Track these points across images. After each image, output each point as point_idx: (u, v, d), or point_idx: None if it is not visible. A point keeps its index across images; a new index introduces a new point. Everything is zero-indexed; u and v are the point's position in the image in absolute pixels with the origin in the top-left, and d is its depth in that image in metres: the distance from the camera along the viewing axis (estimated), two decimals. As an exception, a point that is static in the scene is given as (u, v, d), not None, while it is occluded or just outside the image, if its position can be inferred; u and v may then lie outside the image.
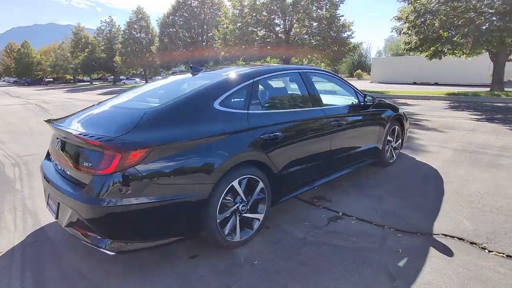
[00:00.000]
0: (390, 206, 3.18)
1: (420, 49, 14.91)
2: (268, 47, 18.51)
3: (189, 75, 3.01)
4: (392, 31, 15.69)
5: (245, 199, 2.42)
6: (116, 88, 33.03)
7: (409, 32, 14.56)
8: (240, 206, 2.39)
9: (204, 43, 29.90)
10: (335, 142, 3.26)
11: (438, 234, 2.62)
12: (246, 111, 2.49)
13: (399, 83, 29.49)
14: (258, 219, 2.57)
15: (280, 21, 18.84)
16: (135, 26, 35.57)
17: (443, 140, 5.88)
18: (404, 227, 2.76)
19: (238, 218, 2.40)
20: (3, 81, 72.12)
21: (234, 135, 2.34)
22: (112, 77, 49.97)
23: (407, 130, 4.69)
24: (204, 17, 29.94)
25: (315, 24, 17.97)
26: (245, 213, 2.44)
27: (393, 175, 4.07)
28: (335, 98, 3.87)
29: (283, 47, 18.10)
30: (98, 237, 1.92)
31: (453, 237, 2.57)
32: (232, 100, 2.49)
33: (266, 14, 17.87)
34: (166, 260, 2.31)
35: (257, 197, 2.53)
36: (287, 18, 18.41)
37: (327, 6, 17.51)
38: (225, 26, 19.45)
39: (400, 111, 4.48)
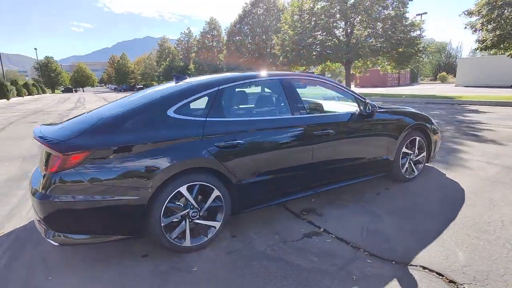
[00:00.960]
0: (383, 227, 2.81)
1: (501, 46, 12.57)
2: (328, 51, 17.87)
3: (173, 83, 3.14)
4: (466, 27, 13.57)
5: (196, 206, 2.42)
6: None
7: (484, 28, 12.43)
8: (191, 212, 2.41)
9: (268, 50, 30.48)
10: (320, 153, 3.02)
11: (416, 266, 2.23)
12: (204, 119, 2.49)
13: (491, 86, 25.48)
14: (214, 227, 2.54)
15: (341, 23, 18.06)
16: (208, 36, 38.22)
17: (495, 155, 4.93)
18: (383, 252, 2.42)
19: (188, 224, 2.42)
20: (107, 87, 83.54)
21: (183, 142, 2.36)
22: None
23: (435, 142, 4.08)
24: (268, 24, 30.56)
25: (378, 24, 16.73)
26: (197, 219, 2.44)
27: (407, 192, 3.58)
28: (330, 106, 3.60)
29: (343, 50, 17.29)
30: (46, 228, 2.15)
31: (431, 271, 2.16)
32: (190, 108, 2.52)
33: (324, 17, 17.33)
34: (120, 255, 2.45)
35: (213, 204, 2.50)
36: (349, 20, 17.55)
37: (394, 5, 16.16)
38: (283, 31, 19.49)
39: (426, 121, 3.93)
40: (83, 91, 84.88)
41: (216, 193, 2.48)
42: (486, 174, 4.03)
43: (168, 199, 2.28)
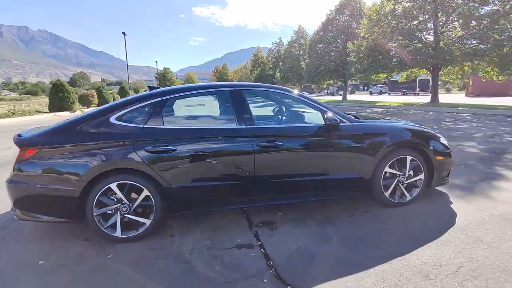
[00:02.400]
0: (319, 252, 2.58)
1: None
2: (410, 57, 15.97)
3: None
4: None
5: (127, 202, 2.73)
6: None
7: None
8: (121, 207, 2.72)
9: (349, 57, 29.10)
10: (266, 165, 2.96)
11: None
12: (141, 126, 2.79)
13: None
14: (145, 223, 2.79)
15: (427, 25, 15.93)
16: (295, 45, 38.70)
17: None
18: (289, 275, 2.26)
19: (119, 217, 2.74)
20: None
21: (118, 145, 2.69)
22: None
23: (441, 164, 3.42)
24: (351, 31, 29.00)
25: (473, 23, 14.09)
26: (128, 214, 2.75)
27: (382, 218, 3.14)
28: (288, 118, 3.42)
29: (426, 55, 15.20)
30: (12, 206, 2.77)
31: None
32: (130, 115, 2.83)
33: (405, 20, 15.58)
34: (67, 237, 2.91)
35: (144, 203, 2.76)
36: (438, 20, 15.36)
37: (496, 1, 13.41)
38: (361, 37, 18.28)
39: (425, 138, 3.37)
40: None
41: (146, 193, 2.73)
42: (507, 210, 3.19)
43: (100, 193, 2.64)
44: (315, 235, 2.87)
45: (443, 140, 3.55)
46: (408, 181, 3.39)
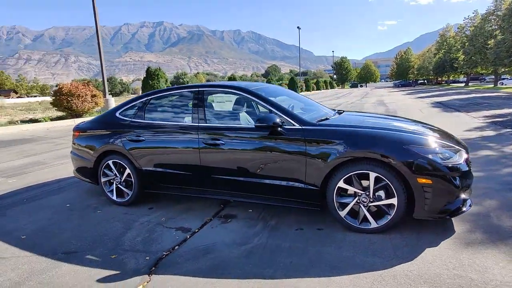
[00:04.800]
0: (223, 253, 2.58)
1: None
2: None
3: None
4: None
5: (118, 176, 3.67)
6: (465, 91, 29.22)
7: None
8: (116, 179, 3.69)
9: None
10: (209, 161, 3.16)
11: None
12: (130, 120, 3.62)
13: None
14: (128, 194, 3.64)
15: None
16: (492, 18, 28.48)
17: None
18: (172, 265, 2.47)
19: (115, 185, 3.71)
20: (393, 83, 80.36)
21: (114, 133, 3.63)
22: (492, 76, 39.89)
23: (430, 189, 2.43)
24: None
25: None
26: (119, 184, 3.68)
27: (332, 243, 2.61)
28: (238, 117, 3.26)
29: None
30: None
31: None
32: (127, 112, 3.70)
33: None
34: (91, 194, 4.17)
35: (128, 178, 3.61)
36: None
37: None
38: None
39: (401, 152, 2.49)
40: (366, 87, 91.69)
41: (127, 171, 3.58)
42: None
43: (103, 166, 3.70)
44: (246, 237, 2.81)
45: (442, 156, 2.49)
46: (374, 203, 2.64)
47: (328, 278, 2.12)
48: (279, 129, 2.84)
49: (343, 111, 3.92)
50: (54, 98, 12.71)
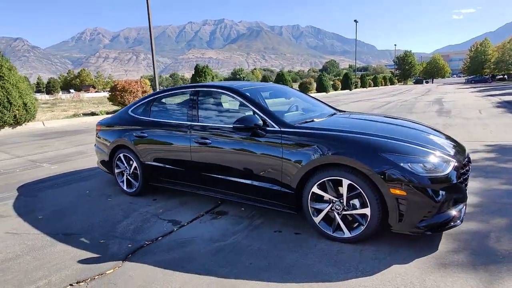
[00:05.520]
0: (196, 248, 2.74)
1: None
2: None
3: None
4: None
5: (127, 168, 4.02)
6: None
7: None
8: (126, 171, 4.05)
9: None
10: (199, 159, 3.29)
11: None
12: (139, 117, 3.93)
13: None
14: (135, 185, 3.95)
15: None
16: None
17: None
18: (141, 254, 2.73)
19: (125, 177, 4.08)
20: (465, 79, 69.98)
21: (125, 129, 3.98)
22: None
23: (407, 204, 2.21)
24: None
25: None
26: (128, 176, 4.03)
27: (303, 249, 2.57)
28: (227, 117, 3.26)
29: None
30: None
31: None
32: (137, 110, 4.01)
33: None
34: (107, 183, 4.60)
35: (134, 171, 3.93)
36: None
37: None
38: None
39: (371, 160, 2.32)
40: (432, 83, 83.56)
41: (134, 164, 3.91)
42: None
43: (116, 158, 4.08)
44: (224, 235, 2.88)
45: (424, 165, 2.26)
46: (347, 212, 2.50)
47: (276, 283, 2.10)
48: (258, 130, 2.84)
49: (345, 112, 3.73)
50: (110, 93, 14.15)
